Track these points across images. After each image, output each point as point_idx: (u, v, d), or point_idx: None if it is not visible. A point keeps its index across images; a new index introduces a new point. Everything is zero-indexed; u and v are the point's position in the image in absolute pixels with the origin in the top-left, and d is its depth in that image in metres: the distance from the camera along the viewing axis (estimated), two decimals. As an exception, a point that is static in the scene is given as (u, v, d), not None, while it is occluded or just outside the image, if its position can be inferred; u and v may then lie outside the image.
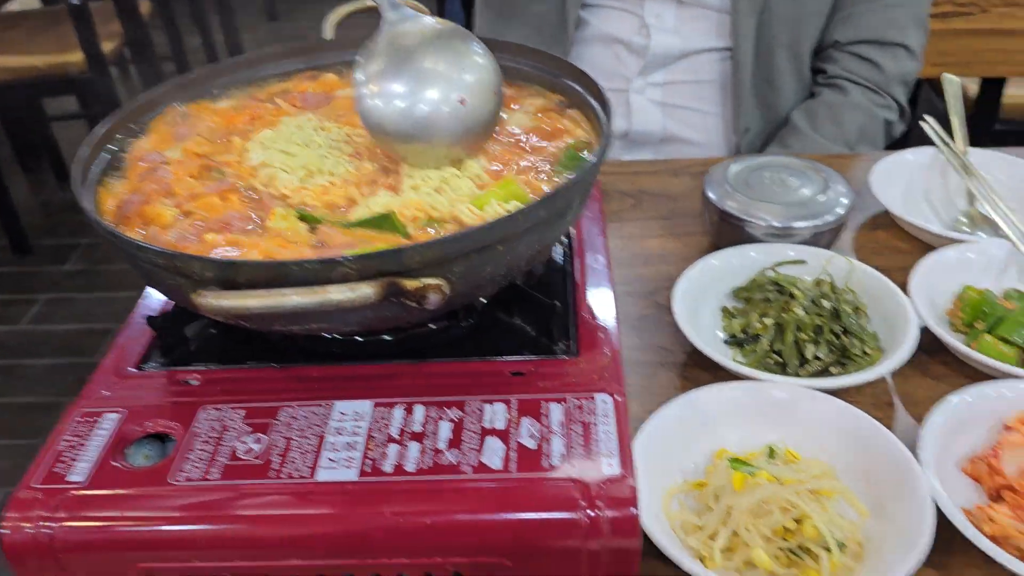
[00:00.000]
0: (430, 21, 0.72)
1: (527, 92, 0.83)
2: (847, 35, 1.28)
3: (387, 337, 0.69)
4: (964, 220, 1.00)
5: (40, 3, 3.50)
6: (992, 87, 1.96)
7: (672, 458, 0.72)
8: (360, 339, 0.69)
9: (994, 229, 0.95)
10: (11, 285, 2.76)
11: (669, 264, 0.97)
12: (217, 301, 0.53)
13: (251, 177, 0.72)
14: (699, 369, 0.82)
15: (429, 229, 0.66)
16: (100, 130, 0.74)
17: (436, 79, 0.68)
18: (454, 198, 0.68)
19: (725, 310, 0.88)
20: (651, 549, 0.63)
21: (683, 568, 0.61)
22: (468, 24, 1.56)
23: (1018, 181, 1.03)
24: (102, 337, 2.49)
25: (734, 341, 0.84)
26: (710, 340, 0.85)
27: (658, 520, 0.65)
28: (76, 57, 2.77)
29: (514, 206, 0.65)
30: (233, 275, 0.55)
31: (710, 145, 1.32)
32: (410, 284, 0.56)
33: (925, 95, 1.98)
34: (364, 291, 0.52)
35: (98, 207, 0.70)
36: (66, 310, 2.64)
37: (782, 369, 0.80)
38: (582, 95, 0.78)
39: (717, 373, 0.80)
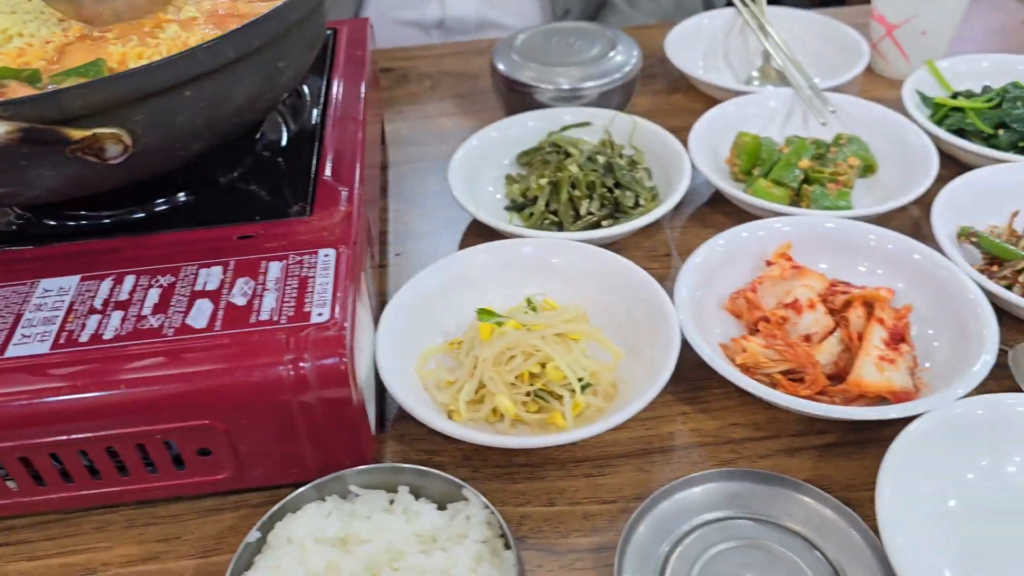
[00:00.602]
0: None
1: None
2: (663, -92, 1.24)
3: (136, 215, 0.65)
4: (757, 76, 0.99)
5: None
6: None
7: (433, 320, 0.69)
8: (108, 220, 0.64)
9: (784, 83, 0.94)
10: None
11: (461, 140, 0.93)
12: None
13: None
14: (480, 237, 0.79)
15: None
16: None
17: None
18: (166, 47, 0.62)
19: (509, 177, 0.85)
20: (404, 410, 0.60)
21: (422, 421, 0.59)
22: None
23: (810, 36, 1.02)
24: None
25: (515, 206, 0.82)
26: (491, 207, 0.82)
27: (406, 379, 0.63)
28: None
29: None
30: None
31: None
32: (77, 133, 0.51)
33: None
34: (-7, 130, 0.47)
35: None
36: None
37: (559, 228, 0.78)
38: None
39: (497, 236, 0.77)
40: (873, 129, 0.85)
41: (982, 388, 0.59)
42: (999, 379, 0.63)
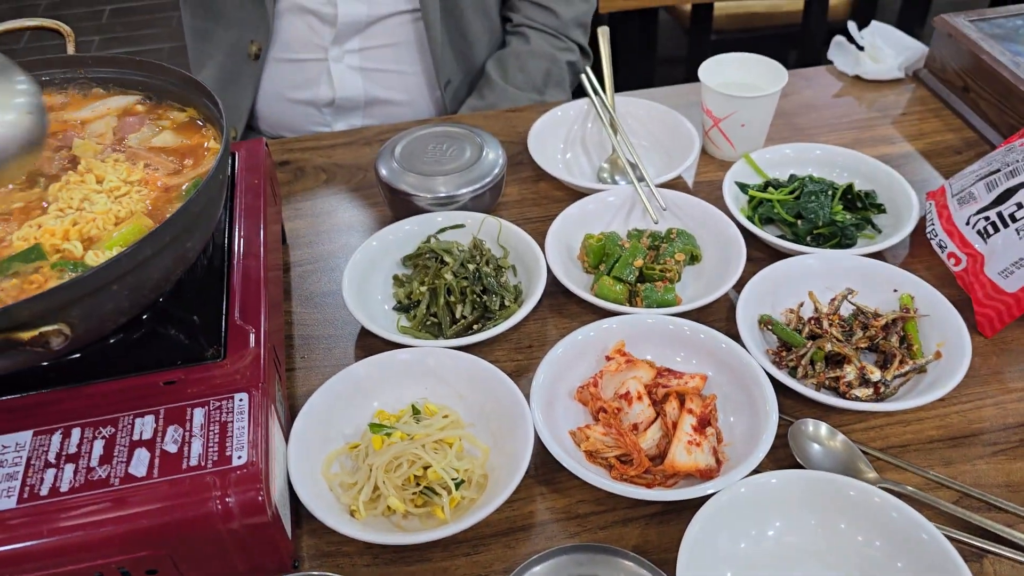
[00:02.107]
0: None
1: (168, 109, 0.89)
2: (524, -15, 1.38)
3: (61, 361, 0.76)
4: (606, 167, 1.14)
5: None
6: (703, 6, 2.13)
7: (335, 425, 0.83)
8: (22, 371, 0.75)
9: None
10: None
11: (354, 236, 1.07)
12: None
13: None
14: (372, 338, 0.93)
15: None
16: None
17: None
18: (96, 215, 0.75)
19: (396, 278, 0.99)
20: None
21: (328, 525, 0.73)
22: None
23: (653, 123, 1.18)
24: None
25: (401, 307, 0.96)
26: (381, 310, 0.96)
27: (314, 483, 0.77)
28: None
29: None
30: None
31: (415, 103, 1.41)
32: (26, 335, 0.63)
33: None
34: (-37, 358, 0.58)
35: None
36: None
37: (439, 328, 0.93)
38: (210, 109, 0.84)
39: (387, 340, 0.92)
40: (698, 221, 1.02)
41: (772, 455, 0.78)
42: (788, 447, 0.81)
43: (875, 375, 0.85)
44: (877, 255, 0.98)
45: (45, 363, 0.75)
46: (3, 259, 0.71)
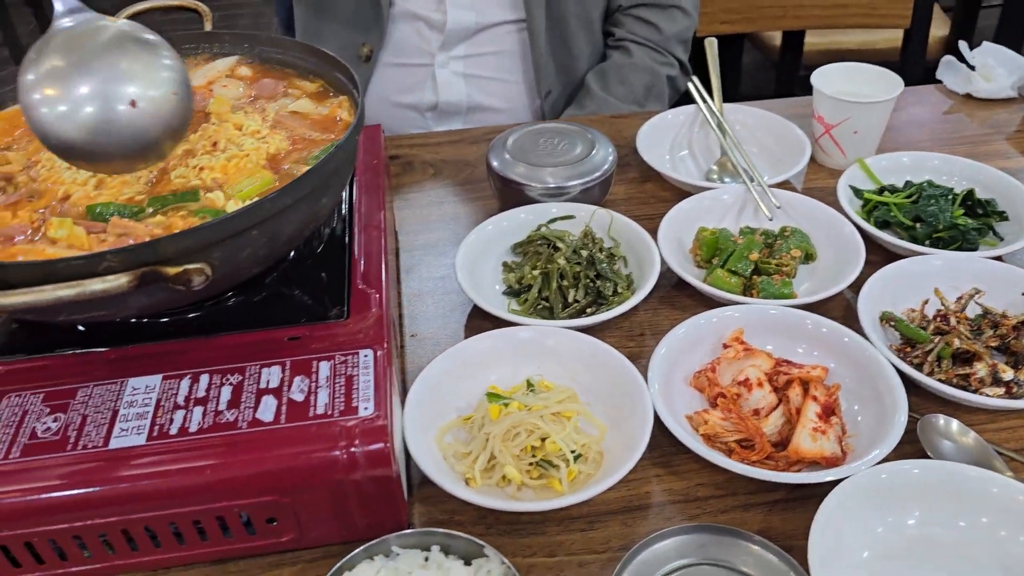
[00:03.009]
0: (103, 24, 0.70)
1: (299, 79, 0.91)
2: (628, 0, 1.40)
3: (191, 316, 0.77)
4: (715, 169, 1.13)
5: None
6: (793, 38, 2.13)
7: (448, 399, 0.82)
8: (167, 320, 0.77)
9: (739, 175, 1.09)
10: None
11: (463, 227, 1.07)
12: (-10, 300, 0.60)
13: (43, 187, 0.77)
14: (483, 320, 0.93)
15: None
16: None
17: (102, 83, 0.66)
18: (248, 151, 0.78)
19: (505, 264, 0.99)
20: (428, 477, 0.74)
21: (446, 489, 0.72)
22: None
23: (761, 131, 1.18)
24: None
25: (511, 292, 0.96)
26: (491, 293, 0.96)
27: (429, 451, 0.76)
28: None
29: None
30: (5, 276, 0.62)
31: (515, 111, 1.43)
32: (171, 270, 0.64)
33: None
34: (119, 281, 0.59)
35: None
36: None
37: (550, 312, 0.92)
38: (342, 82, 0.86)
39: (498, 322, 0.91)
40: (813, 221, 1.00)
41: (899, 450, 0.74)
42: (913, 443, 0.78)
43: (1007, 374, 0.81)
44: (999, 260, 0.95)
45: (178, 309, 0.76)
46: (163, 194, 0.74)
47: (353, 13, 1.34)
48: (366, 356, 0.72)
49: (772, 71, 2.29)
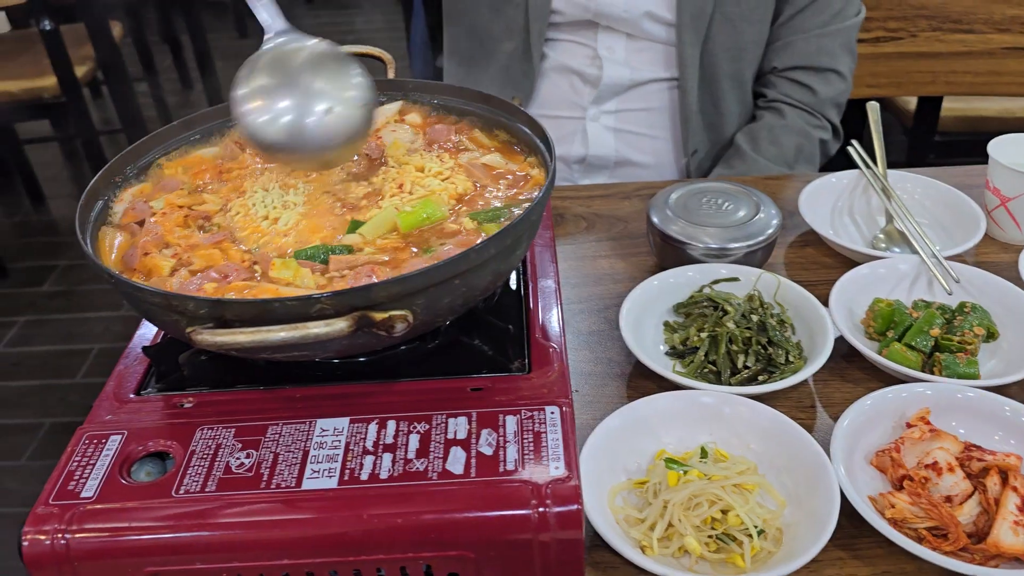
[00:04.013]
0: (304, 44, 0.81)
1: (486, 133, 0.93)
2: (784, 62, 1.38)
3: (362, 359, 0.78)
4: (882, 237, 1.10)
5: (10, 27, 3.54)
6: (929, 104, 2.08)
7: (617, 460, 0.81)
8: (338, 361, 0.78)
9: (908, 244, 1.05)
10: (-11, 308, 2.80)
11: (618, 283, 1.06)
12: (212, 337, 0.61)
13: (242, 231, 0.80)
14: (644, 379, 0.92)
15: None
16: (99, 182, 0.82)
17: (304, 92, 0.78)
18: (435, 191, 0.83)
19: (667, 324, 0.97)
20: (598, 540, 0.72)
21: (624, 556, 0.70)
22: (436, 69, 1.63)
23: (928, 200, 1.14)
24: (81, 357, 2.53)
25: (674, 353, 0.94)
26: (653, 352, 0.94)
27: (603, 514, 0.75)
28: (49, 82, 2.82)
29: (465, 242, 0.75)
30: (223, 313, 0.63)
31: (661, 167, 1.42)
32: (378, 316, 0.64)
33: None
34: (339, 325, 0.60)
35: (96, 251, 0.78)
36: (44, 331, 2.68)
37: (717, 377, 0.90)
38: (531, 138, 0.87)
39: (660, 382, 0.90)
40: (993, 297, 0.96)
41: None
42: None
43: None
44: None
45: (365, 356, 0.77)
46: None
47: (504, 67, 1.37)
48: (552, 413, 0.72)
49: (903, 136, 2.23)
